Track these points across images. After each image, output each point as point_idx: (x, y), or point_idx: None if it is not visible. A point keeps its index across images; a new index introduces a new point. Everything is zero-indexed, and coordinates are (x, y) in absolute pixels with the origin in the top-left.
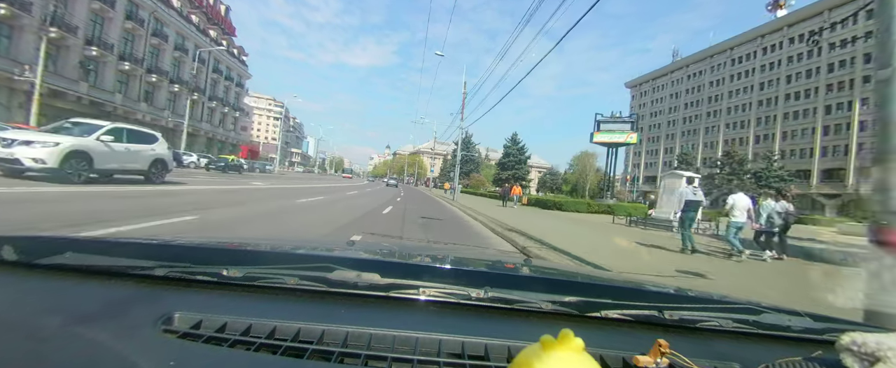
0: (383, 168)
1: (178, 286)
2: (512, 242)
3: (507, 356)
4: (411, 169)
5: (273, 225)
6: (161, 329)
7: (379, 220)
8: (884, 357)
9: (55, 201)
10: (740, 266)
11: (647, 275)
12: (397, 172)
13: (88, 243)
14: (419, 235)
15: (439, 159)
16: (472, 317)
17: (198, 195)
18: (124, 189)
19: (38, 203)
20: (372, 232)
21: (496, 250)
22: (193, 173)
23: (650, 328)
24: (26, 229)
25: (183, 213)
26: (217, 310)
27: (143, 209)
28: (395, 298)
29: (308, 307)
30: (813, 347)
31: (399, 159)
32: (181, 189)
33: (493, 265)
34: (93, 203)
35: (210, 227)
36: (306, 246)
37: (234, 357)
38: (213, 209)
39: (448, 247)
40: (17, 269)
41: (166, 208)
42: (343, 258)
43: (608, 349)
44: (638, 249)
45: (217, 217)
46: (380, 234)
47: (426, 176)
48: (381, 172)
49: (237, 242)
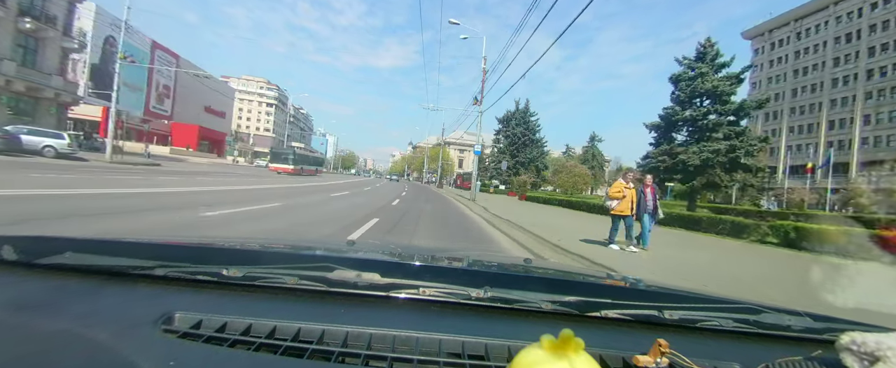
0: (402, 165)
1: (178, 286)
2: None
3: (507, 356)
4: (433, 163)
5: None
6: (161, 329)
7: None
8: (884, 356)
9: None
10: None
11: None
12: (417, 169)
13: (88, 243)
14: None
15: (468, 151)
16: (472, 317)
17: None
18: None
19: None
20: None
21: (496, 250)
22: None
23: (650, 328)
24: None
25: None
26: (217, 310)
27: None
28: (395, 298)
29: (308, 307)
30: (813, 347)
31: (419, 154)
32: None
33: (493, 265)
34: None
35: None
36: (306, 246)
37: (234, 356)
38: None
39: (448, 248)
40: (17, 269)
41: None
42: (343, 258)
43: (608, 349)
44: None
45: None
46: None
47: (454, 171)
48: (398, 169)
49: (237, 242)
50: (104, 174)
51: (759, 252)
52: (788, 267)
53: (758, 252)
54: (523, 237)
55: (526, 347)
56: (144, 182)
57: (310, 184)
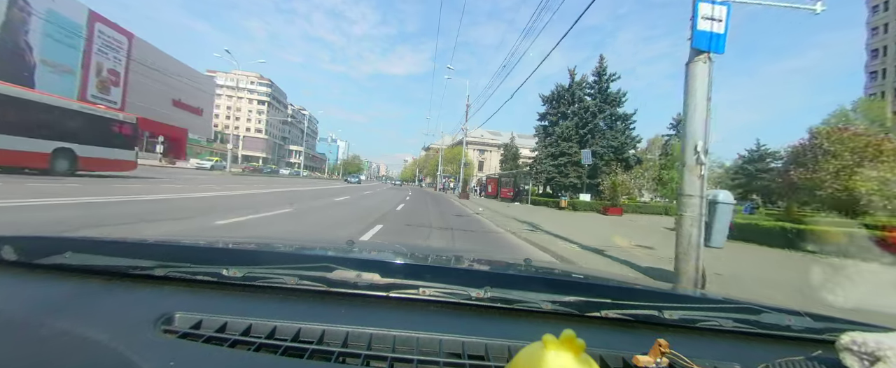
0: (413, 169)
1: (178, 286)
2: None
3: (507, 356)
4: (450, 167)
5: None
6: (161, 329)
7: None
8: (884, 356)
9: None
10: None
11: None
12: (430, 173)
13: (88, 243)
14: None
15: (490, 152)
16: (472, 317)
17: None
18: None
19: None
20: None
21: (496, 251)
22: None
23: (650, 328)
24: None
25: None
26: (217, 310)
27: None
28: (395, 298)
29: (308, 307)
30: (813, 347)
31: (433, 155)
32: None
33: (493, 265)
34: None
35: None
36: (306, 246)
37: (234, 357)
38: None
39: (448, 248)
40: (17, 269)
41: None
42: (343, 258)
43: (608, 349)
44: None
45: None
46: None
47: (472, 174)
48: (409, 174)
49: (237, 242)
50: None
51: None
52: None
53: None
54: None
55: (526, 346)
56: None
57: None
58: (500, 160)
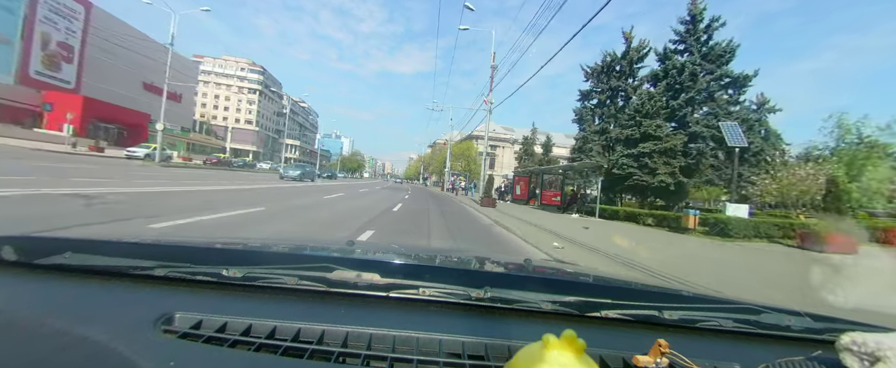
0: (417, 166)
1: (178, 286)
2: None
3: (506, 356)
4: (458, 164)
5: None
6: (161, 330)
7: None
8: (884, 356)
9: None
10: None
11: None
12: (437, 171)
13: (88, 243)
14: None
15: (502, 147)
16: (472, 317)
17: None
18: None
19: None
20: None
21: (497, 251)
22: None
23: (650, 328)
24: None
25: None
26: (217, 310)
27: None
28: (395, 298)
29: (308, 307)
30: (813, 347)
31: (439, 152)
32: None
33: (493, 265)
34: None
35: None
36: (306, 246)
37: (234, 357)
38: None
39: (448, 248)
40: (17, 269)
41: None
42: (343, 258)
43: (608, 349)
44: None
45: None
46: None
47: (480, 173)
48: (414, 172)
49: (237, 242)
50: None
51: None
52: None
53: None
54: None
55: (526, 346)
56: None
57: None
58: (516, 157)
